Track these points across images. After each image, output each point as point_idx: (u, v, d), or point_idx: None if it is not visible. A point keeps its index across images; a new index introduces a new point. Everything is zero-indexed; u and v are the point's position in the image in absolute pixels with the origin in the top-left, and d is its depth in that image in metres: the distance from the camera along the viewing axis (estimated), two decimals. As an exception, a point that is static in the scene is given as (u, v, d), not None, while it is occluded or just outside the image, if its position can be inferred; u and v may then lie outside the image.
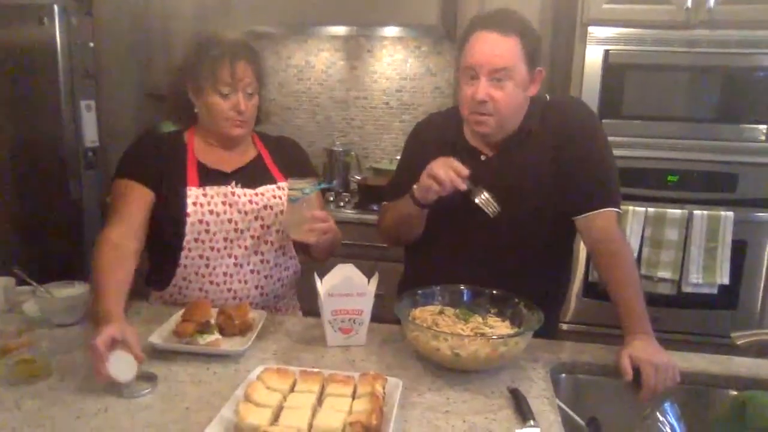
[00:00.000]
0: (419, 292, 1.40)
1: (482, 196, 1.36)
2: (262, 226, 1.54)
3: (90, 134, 2.79)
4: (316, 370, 1.16)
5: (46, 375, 1.18)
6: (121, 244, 1.39)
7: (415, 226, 1.51)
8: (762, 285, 2.48)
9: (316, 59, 3.33)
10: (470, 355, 1.19)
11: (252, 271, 1.54)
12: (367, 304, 1.35)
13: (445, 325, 1.29)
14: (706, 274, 2.43)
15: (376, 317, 1.42)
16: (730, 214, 2.39)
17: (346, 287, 1.34)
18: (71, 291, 1.45)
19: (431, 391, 1.18)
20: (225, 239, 1.51)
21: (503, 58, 1.35)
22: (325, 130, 3.40)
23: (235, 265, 1.52)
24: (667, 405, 1.19)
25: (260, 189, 1.55)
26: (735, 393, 1.29)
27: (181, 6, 2.95)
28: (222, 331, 1.36)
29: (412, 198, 1.42)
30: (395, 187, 1.60)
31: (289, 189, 1.44)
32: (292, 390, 1.10)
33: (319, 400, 1.08)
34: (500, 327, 1.32)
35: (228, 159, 1.57)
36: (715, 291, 2.45)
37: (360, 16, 2.79)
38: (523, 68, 1.38)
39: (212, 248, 1.50)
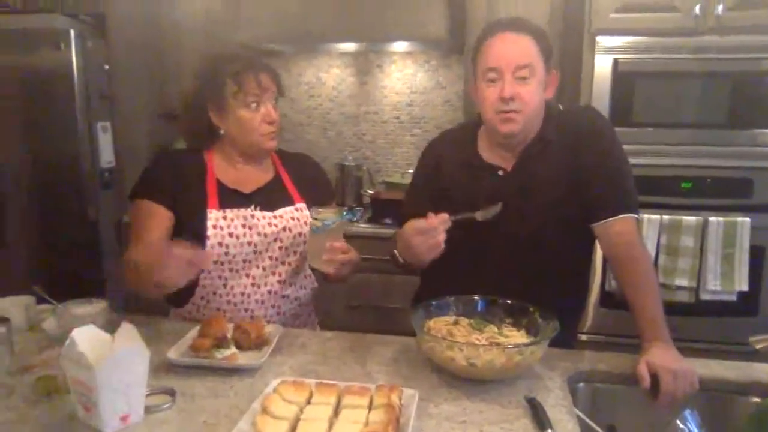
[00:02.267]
0: (433, 302, 1.41)
1: (464, 216, 1.37)
2: (280, 248, 1.55)
3: (106, 155, 2.83)
4: (332, 382, 1.16)
5: (66, 392, 1.19)
6: None
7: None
8: (782, 291, 2.45)
9: (327, 76, 3.37)
10: (485, 365, 1.19)
11: (269, 291, 1.56)
12: (94, 381, 1.01)
13: (460, 335, 1.29)
14: (724, 281, 2.40)
15: (390, 330, 1.42)
16: (747, 219, 2.36)
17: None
18: (89, 309, 1.47)
19: (447, 401, 1.18)
20: (244, 261, 1.52)
21: (525, 55, 1.37)
22: (337, 145, 3.42)
23: (253, 285, 1.54)
24: (687, 413, 1.17)
25: (279, 211, 1.56)
26: (758, 400, 1.27)
27: (193, 28, 3.01)
28: (238, 346, 1.36)
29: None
30: (409, 211, 1.60)
31: (313, 218, 1.44)
32: (308, 402, 1.10)
33: (336, 412, 1.08)
34: (515, 336, 1.31)
35: (247, 178, 1.58)
36: (734, 298, 2.41)
37: (369, 32, 2.82)
38: (542, 66, 1.40)
39: (231, 269, 1.52)
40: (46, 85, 2.68)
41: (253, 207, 1.53)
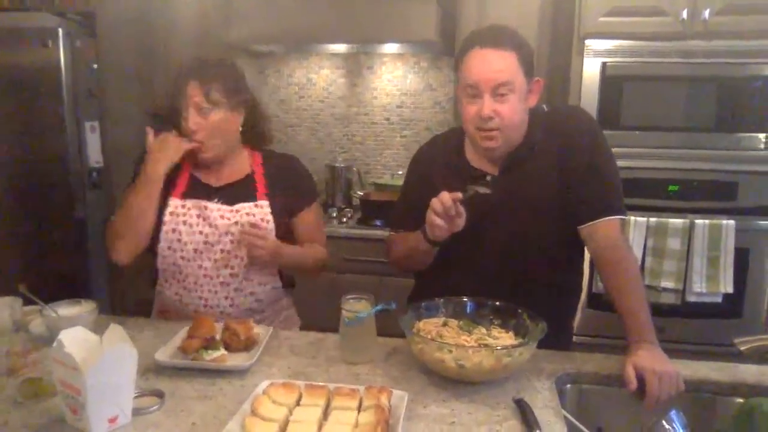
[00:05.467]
0: (423, 304, 1.41)
1: (474, 190, 1.38)
2: (231, 241, 1.58)
3: (94, 154, 2.82)
4: (321, 384, 1.17)
5: (53, 394, 1.19)
6: None
7: (427, 258, 1.51)
8: (766, 293, 2.48)
9: (317, 77, 3.37)
10: (474, 366, 1.20)
11: (222, 283, 1.59)
12: (82, 383, 1.01)
13: (449, 337, 1.29)
14: (710, 283, 2.42)
15: (381, 331, 1.43)
16: (732, 222, 2.39)
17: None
18: (77, 310, 1.46)
19: (436, 402, 1.18)
20: (195, 250, 1.57)
21: (504, 73, 1.37)
22: (327, 146, 3.42)
23: (205, 276, 1.59)
24: (673, 413, 1.19)
25: (237, 206, 1.59)
26: (741, 400, 1.28)
27: (184, 27, 2.99)
28: (227, 347, 1.36)
29: (425, 237, 1.43)
30: (401, 217, 1.61)
31: (346, 311, 1.38)
32: (298, 404, 1.11)
33: (325, 414, 1.08)
34: (504, 338, 1.32)
35: (220, 174, 1.64)
36: (719, 300, 2.44)
37: (360, 34, 2.82)
38: (522, 80, 1.40)
39: (183, 257, 1.58)
40: (34, 83, 2.65)
41: (216, 200, 1.59)
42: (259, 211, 1.60)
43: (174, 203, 1.59)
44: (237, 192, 1.62)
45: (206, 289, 1.59)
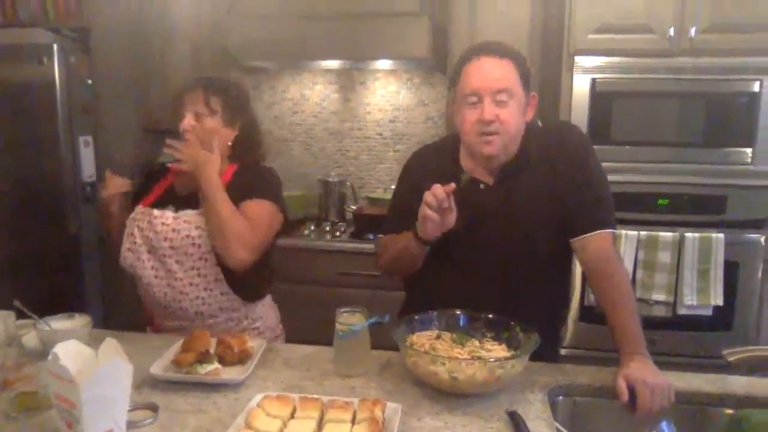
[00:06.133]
0: (416, 317, 1.42)
1: (470, 176, 1.42)
2: (170, 247, 1.62)
3: (88, 169, 2.82)
4: (315, 396, 1.17)
5: (47, 407, 1.18)
6: None
7: (416, 260, 1.52)
8: (756, 305, 2.51)
9: (311, 92, 3.40)
10: (468, 379, 1.20)
11: (168, 285, 1.64)
12: (77, 396, 0.99)
13: (443, 350, 1.30)
14: (700, 296, 2.45)
15: (375, 344, 1.43)
16: (721, 236, 2.42)
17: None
18: (71, 323, 1.46)
19: (430, 415, 1.19)
20: (148, 252, 1.65)
21: (504, 79, 1.40)
22: (321, 161, 3.44)
23: (155, 277, 1.64)
24: (663, 425, 1.20)
25: (180, 213, 1.63)
26: (731, 411, 1.30)
27: (178, 43, 3.02)
28: (221, 361, 1.36)
29: (414, 236, 1.43)
30: (392, 221, 1.62)
31: (340, 324, 1.39)
32: (292, 416, 1.11)
33: (319, 426, 1.09)
34: (497, 350, 1.33)
35: (193, 185, 1.63)
36: (709, 312, 2.47)
37: (353, 51, 2.85)
38: (521, 91, 1.43)
39: (138, 259, 1.66)
40: (29, 99, 2.66)
41: (169, 207, 1.66)
42: (200, 219, 1.60)
43: (137, 209, 1.69)
44: (192, 201, 1.65)
45: (158, 290, 1.64)
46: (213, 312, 1.67)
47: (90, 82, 2.86)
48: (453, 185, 1.34)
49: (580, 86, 2.50)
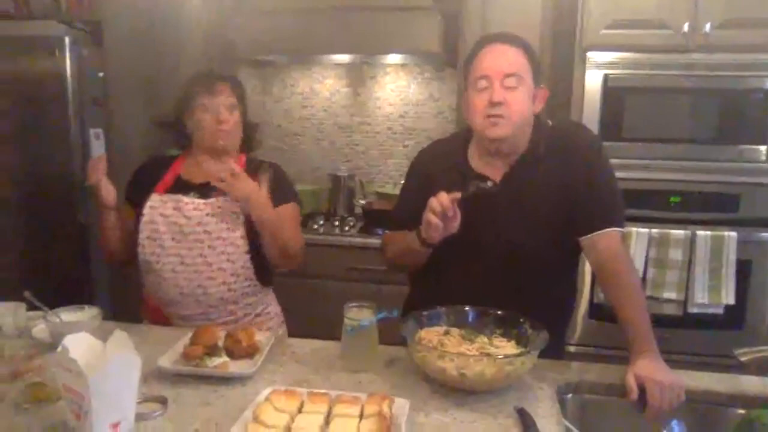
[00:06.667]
0: (425, 313, 1.42)
1: (476, 186, 1.40)
2: (204, 231, 1.66)
3: (98, 161, 2.83)
4: (323, 391, 1.17)
5: (56, 399, 1.19)
6: None
7: (420, 259, 1.52)
8: (768, 305, 2.48)
9: (321, 86, 3.39)
10: (476, 375, 1.20)
11: (196, 272, 1.66)
12: (86, 389, 0.99)
13: (451, 346, 1.30)
14: (712, 295, 2.43)
15: (383, 339, 1.43)
16: (734, 234, 2.40)
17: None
18: (80, 315, 1.47)
19: (438, 411, 1.19)
20: (173, 239, 1.67)
21: (514, 64, 1.41)
22: (330, 155, 3.44)
23: (181, 263, 1.66)
24: (674, 424, 1.20)
25: (211, 200, 1.68)
26: (742, 411, 1.29)
27: (190, 36, 3.02)
28: (230, 354, 1.37)
29: (418, 237, 1.44)
30: (399, 217, 1.63)
31: (348, 318, 1.40)
32: (300, 411, 1.11)
33: (327, 421, 1.08)
34: (506, 347, 1.33)
35: (204, 173, 1.72)
36: (720, 311, 2.44)
37: (363, 45, 2.85)
38: (530, 79, 1.43)
39: (161, 246, 1.67)
40: (40, 91, 2.67)
41: (192, 194, 1.69)
42: (232, 206, 1.67)
43: (154, 198, 1.70)
44: (214, 188, 1.68)
45: (182, 277, 1.66)
46: (235, 298, 1.71)
47: (101, 75, 2.86)
48: (458, 195, 1.35)
49: (593, 82, 2.47)
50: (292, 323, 1.89)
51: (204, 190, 1.70)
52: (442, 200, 1.34)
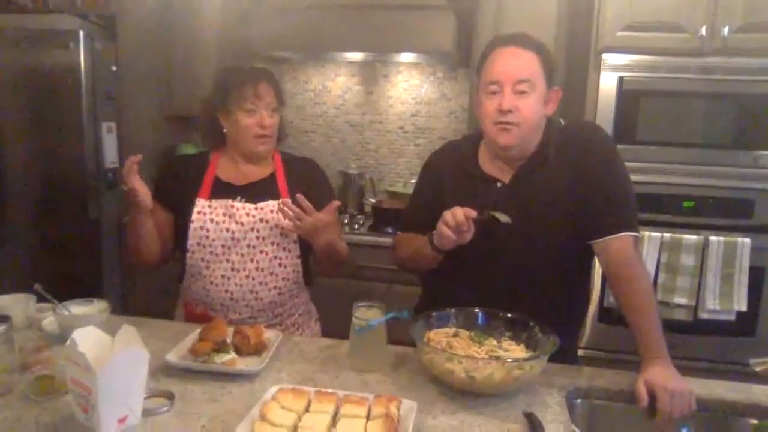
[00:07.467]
0: (434, 314, 1.41)
1: (491, 215, 1.37)
2: (257, 237, 1.65)
3: (110, 155, 2.84)
4: (330, 390, 1.16)
5: (64, 392, 1.19)
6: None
7: (431, 262, 1.51)
8: (781, 312, 2.45)
9: (333, 84, 3.39)
10: (485, 378, 1.19)
11: (247, 277, 1.65)
12: (94, 383, 1.00)
13: (460, 348, 1.29)
14: (723, 301, 2.40)
15: (392, 339, 1.42)
16: (747, 240, 2.37)
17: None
18: (90, 309, 1.48)
19: (445, 414, 1.18)
20: (223, 246, 1.64)
21: (526, 70, 1.39)
22: (341, 153, 3.43)
23: (232, 269, 1.64)
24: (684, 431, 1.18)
25: (261, 204, 1.66)
26: (755, 422, 1.27)
27: (203, 32, 3.02)
28: (238, 351, 1.37)
29: (430, 243, 1.43)
30: (410, 219, 1.63)
31: (357, 318, 1.39)
32: (306, 410, 1.11)
33: (334, 421, 1.08)
34: (515, 350, 1.31)
35: (245, 175, 1.71)
36: (732, 318, 2.41)
37: (376, 43, 2.84)
38: (543, 84, 1.41)
39: (211, 252, 1.64)
40: (54, 84, 2.69)
41: (239, 198, 1.66)
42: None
43: (201, 203, 1.66)
44: (260, 191, 1.68)
45: (233, 282, 1.64)
46: (284, 301, 1.71)
47: (115, 68, 2.88)
48: (474, 213, 1.33)
49: (607, 84, 2.45)
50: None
51: (250, 192, 1.68)
52: (457, 216, 1.33)
